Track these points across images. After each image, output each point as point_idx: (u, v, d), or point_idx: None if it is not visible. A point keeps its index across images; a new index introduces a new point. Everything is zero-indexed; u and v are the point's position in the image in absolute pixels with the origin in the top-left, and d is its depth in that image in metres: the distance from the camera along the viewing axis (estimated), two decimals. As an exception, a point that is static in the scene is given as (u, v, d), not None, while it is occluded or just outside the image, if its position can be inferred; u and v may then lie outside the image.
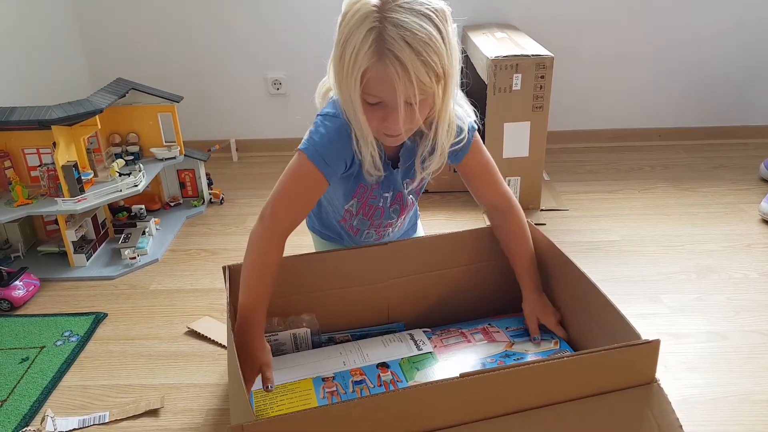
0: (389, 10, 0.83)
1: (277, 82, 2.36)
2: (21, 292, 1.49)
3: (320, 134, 0.97)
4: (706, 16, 2.28)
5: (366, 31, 0.82)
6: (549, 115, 1.81)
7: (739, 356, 1.26)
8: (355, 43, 0.83)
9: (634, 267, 1.59)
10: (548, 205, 1.95)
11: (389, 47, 0.82)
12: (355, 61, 0.84)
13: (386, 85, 0.85)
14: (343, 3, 0.88)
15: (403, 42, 0.82)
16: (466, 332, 1.13)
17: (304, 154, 0.97)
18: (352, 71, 0.85)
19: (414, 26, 0.82)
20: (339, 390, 0.98)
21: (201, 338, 1.36)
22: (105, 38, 2.31)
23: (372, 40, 0.82)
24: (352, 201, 1.12)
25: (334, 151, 0.97)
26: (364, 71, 0.84)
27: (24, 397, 1.20)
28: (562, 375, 0.79)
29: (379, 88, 0.86)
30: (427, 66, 0.84)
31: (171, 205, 2.00)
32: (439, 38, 0.85)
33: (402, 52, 0.82)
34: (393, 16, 0.82)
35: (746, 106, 2.42)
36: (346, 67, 0.85)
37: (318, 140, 0.97)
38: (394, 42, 0.82)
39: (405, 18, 0.82)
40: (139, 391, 1.21)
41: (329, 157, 0.97)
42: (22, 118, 1.54)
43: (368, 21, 0.83)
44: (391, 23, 0.82)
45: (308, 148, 0.97)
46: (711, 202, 1.94)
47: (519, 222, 1.13)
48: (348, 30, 0.85)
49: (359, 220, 1.17)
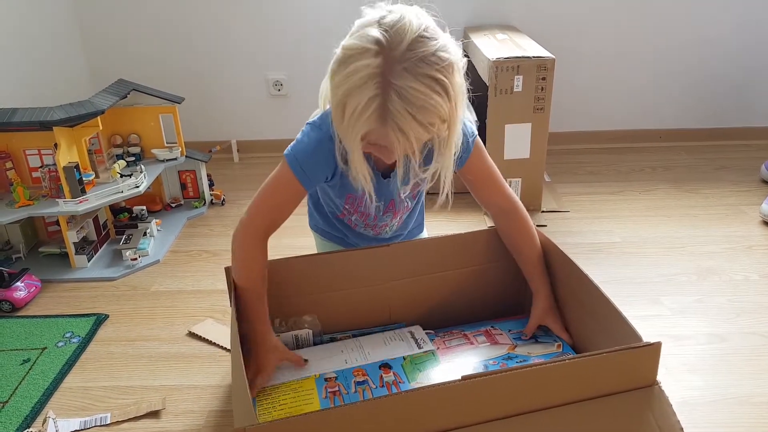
0: (394, 73, 0.79)
1: (278, 83, 2.36)
2: (22, 293, 1.49)
3: (304, 144, 0.99)
4: (707, 17, 2.28)
5: (369, 97, 0.79)
6: (550, 116, 1.81)
7: (739, 358, 1.26)
8: (357, 105, 0.80)
9: (635, 269, 1.59)
10: (549, 207, 1.95)
11: (392, 118, 0.80)
12: (357, 121, 0.82)
13: (384, 140, 0.85)
14: (343, 44, 0.84)
15: (407, 114, 0.80)
16: (468, 334, 1.14)
17: (286, 161, 1.00)
18: (353, 128, 0.83)
19: (419, 97, 0.79)
20: (341, 390, 0.99)
21: (202, 339, 1.36)
22: (105, 39, 2.31)
23: (375, 107, 0.80)
24: (346, 206, 1.14)
25: (314, 163, 0.99)
26: (366, 132, 0.84)
27: (25, 399, 1.20)
28: (564, 377, 0.79)
29: (377, 138, 0.86)
30: (428, 129, 0.84)
31: (172, 206, 2.00)
32: (443, 101, 0.82)
33: (405, 123, 0.81)
34: (397, 83, 0.79)
35: (747, 107, 2.42)
36: (347, 121, 0.83)
37: (301, 149, 0.99)
38: (398, 114, 0.80)
39: (410, 86, 0.79)
40: (141, 393, 1.21)
41: (308, 167, 0.99)
42: (23, 120, 1.54)
43: (371, 86, 0.79)
44: (396, 92, 0.79)
45: (290, 156, 1.00)
46: (712, 203, 1.95)
47: (525, 223, 1.13)
48: (349, 87, 0.81)
49: (356, 218, 1.18)
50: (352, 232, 1.23)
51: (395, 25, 0.81)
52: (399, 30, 0.80)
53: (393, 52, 0.79)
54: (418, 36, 0.80)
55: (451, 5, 2.26)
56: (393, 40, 0.80)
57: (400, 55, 0.79)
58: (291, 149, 1.00)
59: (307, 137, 1.00)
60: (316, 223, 1.29)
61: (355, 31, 0.85)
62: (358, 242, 1.24)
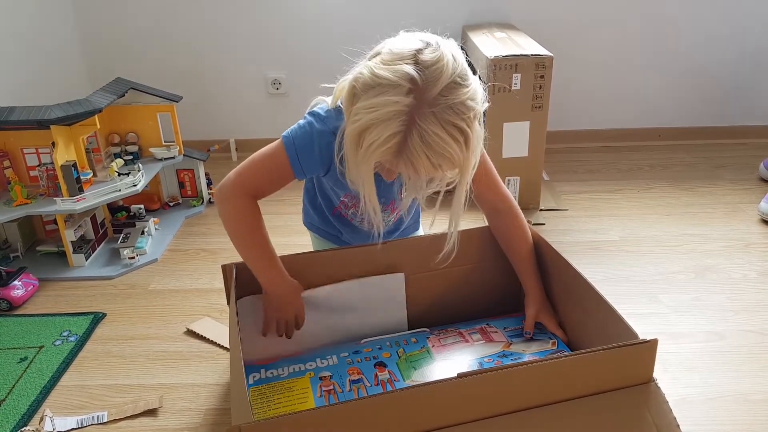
0: (421, 115, 0.79)
1: (276, 81, 2.36)
2: (20, 292, 1.49)
3: (304, 131, 0.98)
4: (706, 16, 2.28)
5: (392, 133, 0.79)
6: (548, 114, 1.81)
7: (737, 356, 1.26)
8: (378, 137, 0.80)
9: (633, 267, 1.59)
10: (548, 205, 1.95)
11: (408, 155, 0.81)
12: (374, 152, 0.81)
13: (395, 171, 0.87)
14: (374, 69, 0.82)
15: (423, 156, 0.80)
16: (464, 332, 1.13)
17: (283, 143, 0.99)
18: (368, 157, 0.82)
19: (439, 143, 0.80)
20: (336, 389, 0.99)
21: (199, 338, 1.36)
22: (104, 38, 2.31)
23: (394, 143, 0.80)
24: (344, 199, 1.14)
25: (310, 153, 0.98)
26: (379, 163, 0.84)
27: (22, 397, 1.20)
28: (560, 375, 0.79)
29: (389, 167, 0.87)
30: (438, 169, 0.84)
31: (170, 205, 2.00)
32: (461, 150, 0.82)
33: (418, 162, 0.81)
34: (422, 125, 0.79)
35: (746, 105, 2.42)
36: (363, 150, 0.82)
37: (300, 136, 0.98)
38: (414, 153, 0.80)
39: (433, 131, 0.79)
40: (138, 391, 1.21)
41: (303, 157, 0.98)
42: (21, 118, 1.54)
43: (396, 123, 0.79)
44: (418, 133, 0.79)
45: (288, 140, 0.99)
46: (710, 202, 1.94)
47: (519, 222, 1.14)
48: (374, 117, 0.80)
49: (353, 212, 1.18)
50: (347, 228, 1.23)
51: (432, 66, 0.80)
52: (435, 72, 0.80)
53: (425, 94, 0.79)
54: (451, 82, 0.80)
55: (450, 4, 2.26)
56: (427, 82, 0.79)
57: (431, 100, 0.79)
58: (290, 133, 0.99)
59: (309, 126, 0.98)
60: (311, 220, 1.29)
61: (389, 60, 0.82)
62: (352, 240, 1.24)
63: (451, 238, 0.99)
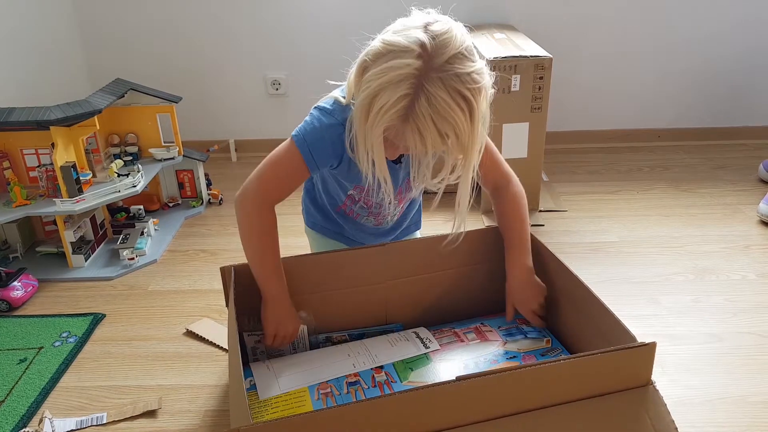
0: (428, 79, 0.82)
1: (276, 82, 2.36)
2: (19, 293, 1.49)
3: (313, 127, 1.00)
4: (705, 17, 2.28)
5: (400, 95, 0.82)
6: (548, 115, 1.81)
7: (736, 358, 1.26)
8: (388, 100, 0.83)
9: (632, 268, 1.59)
10: (547, 206, 1.95)
11: (415, 120, 0.83)
12: (382, 116, 0.84)
13: (401, 139, 0.88)
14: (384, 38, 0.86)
15: (430, 120, 0.83)
16: (459, 332, 1.14)
17: (294, 142, 1.00)
18: (378, 122, 0.85)
19: (445, 109, 0.82)
20: (333, 391, 0.98)
21: (199, 339, 1.36)
22: (104, 38, 2.31)
23: (402, 106, 0.83)
24: (352, 192, 1.14)
25: (322, 147, 0.99)
26: (387, 127, 0.86)
27: (22, 398, 1.20)
28: (559, 377, 0.79)
29: (395, 136, 0.89)
30: (444, 139, 0.86)
31: (170, 206, 2.00)
32: (465, 119, 0.84)
33: (425, 129, 0.84)
34: (429, 88, 0.82)
35: (746, 106, 2.42)
36: (373, 115, 0.85)
37: (310, 131, 0.99)
38: (421, 117, 0.83)
39: (439, 95, 0.82)
40: (137, 392, 1.21)
41: (316, 152, 1.00)
42: (20, 119, 1.54)
43: (405, 85, 0.82)
44: (425, 97, 0.82)
45: (298, 137, 1.00)
46: (710, 203, 1.94)
47: (514, 198, 1.13)
48: (384, 81, 0.83)
49: (360, 206, 1.18)
50: (351, 224, 1.23)
51: (442, 35, 0.84)
52: (444, 41, 0.83)
53: (434, 60, 0.82)
54: (459, 53, 0.83)
55: (449, 4, 2.24)
56: (437, 49, 0.82)
57: (439, 66, 0.82)
58: (300, 131, 1.01)
59: (317, 121, 1.00)
60: (312, 219, 1.29)
61: (400, 29, 0.86)
62: (356, 235, 1.25)
63: (459, 221, 1.00)
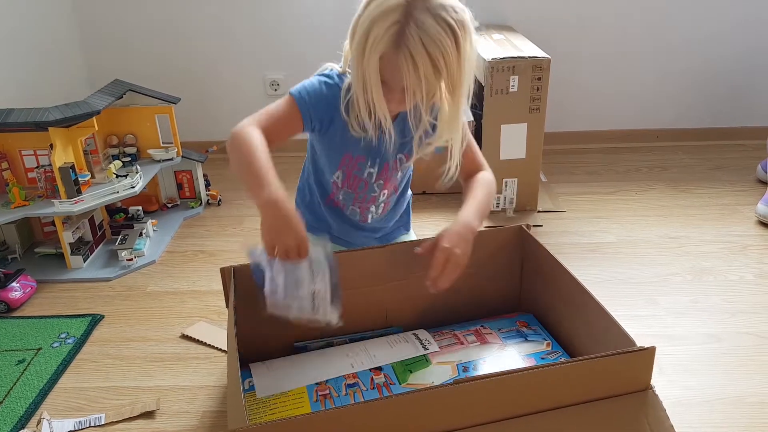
0: (416, 8, 0.89)
1: (275, 83, 2.36)
2: (18, 294, 1.49)
3: (312, 85, 1.06)
4: (705, 17, 2.28)
5: (390, 23, 0.90)
6: (546, 115, 1.81)
7: (734, 358, 1.26)
8: (380, 29, 0.90)
9: (630, 269, 1.59)
10: (545, 207, 1.95)
11: (407, 44, 0.89)
12: (377, 44, 0.91)
13: (397, 73, 0.92)
14: None
15: (420, 45, 0.89)
16: (458, 334, 1.14)
17: (292, 95, 1.05)
18: (372, 51, 0.91)
19: (434, 33, 0.89)
20: (332, 393, 0.99)
21: (197, 340, 1.36)
22: (103, 38, 2.31)
23: (393, 32, 0.90)
24: (338, 172, 1.16)
25: (318, 99, 1.05)
26: (381, 55, 0.92)
27: (20, 399, 1.20)
28: (557, 381, 0.79)
29: (390, 73, 0.94)
30: (436, 71, 0.92)
31: (168, 207, 2.00)
32: (454, 51, 0.91)
33: (417, 54, 0.90)
34: (418, 16, 0.89)
35: (744, 107, 2.42)
36: (369, 46, 0.92)
37: (308, 88, 1.05)
38: (412, 41, 0.89)
39: (428, 22, 0.89)
40: (135, 393, 1.21)
41: (312, 101, 1.04)
42: (19, 120, 1.54)
43: (395, 13, 0.89)
44: (415, 23, 0.89)
45: (295, 91, 1.05)
46: (708, 203, 1.95)
47: (484, 177, 1.16)
48: (377, 14, 0.91)
49: (344, 193, 1.19)
50: (338, 219, 1.25)
51: None
52: None
53: None
54: None
55: (448, 5, 2.25)
56: None
57: None
58: (297, 87, 1.06)
59: (316, 80, 1.07)
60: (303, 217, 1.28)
61: None
62: (342, 232, 1.26)
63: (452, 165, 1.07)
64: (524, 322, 1.16)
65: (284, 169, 1.02)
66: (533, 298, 1.20)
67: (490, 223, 1.85)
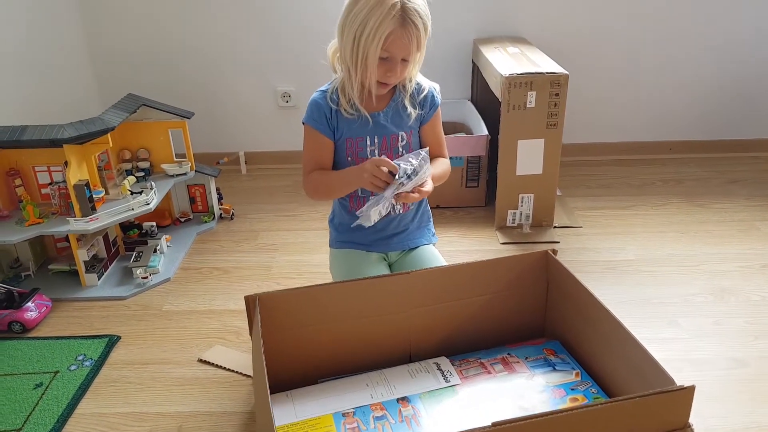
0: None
1: (286, 94, 2.34)
2: (33, 314, 1.48)
3: (311, 105, 1.29)
4: (719, 29, 2.27)
5: (391, 5, 1.10)
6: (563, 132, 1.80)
7: (760, 384, 1.24)
8: (381, 13, 1.10)
9: (650, 288, 1.58)
10: (561, 222, 1.93)
11: (411, 17, 1.12)
12: (382, 25, 1.10)
13: (401, 43, 1.13)
14: None
15: (417, 16, 1.13)
16: (485, 362, 1.12)
17: (305, 123, 1.28)
18: (376, 33, 1.11)
19: (421, 7, 1.14)
20: (360, 426, 0.97)
21: (215, 365, 1.35)
22: (114, 52, 2.29)
23: (397, 11, 1.11)
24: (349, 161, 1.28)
25: (316, 111, 1.27)
26: (389, 33, 1.11)
27: (39, 426, 1.18)
28: (597, 422, 0.78)
29: (397, 47, 1.14)
30: (425, 34, 1.16)
31: (181, 221, 1.98)
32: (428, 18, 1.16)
33: (418, 23, 1.13)
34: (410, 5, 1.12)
35: (757, 118, 2.41)
36: (371, 31, 1.11)
37: (310, 108, 1.29)
38: (414, 14, 1.12)
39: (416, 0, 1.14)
40: (156, 419, 1.20)
41: (319, 118, 1.27)
42: (34, 137, 1.52)
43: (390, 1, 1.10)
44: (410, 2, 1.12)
45: (305, 119, 1.29)
46: (724, 218, 1.93)
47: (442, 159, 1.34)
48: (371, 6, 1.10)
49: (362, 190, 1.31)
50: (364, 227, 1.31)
51: None
52: None
53: None
54: None
55: (460, 16, 2.24)
56: None
57: None
58: (304, 115, 1.29)
59: (309, 103, 1.29)
60: (336, 235, 1.38)
61: None
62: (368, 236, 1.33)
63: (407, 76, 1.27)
64: (551, 350, 1.14)
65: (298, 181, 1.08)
66: (559, 324, 1.19)
67: (508, 240, 1.83)
